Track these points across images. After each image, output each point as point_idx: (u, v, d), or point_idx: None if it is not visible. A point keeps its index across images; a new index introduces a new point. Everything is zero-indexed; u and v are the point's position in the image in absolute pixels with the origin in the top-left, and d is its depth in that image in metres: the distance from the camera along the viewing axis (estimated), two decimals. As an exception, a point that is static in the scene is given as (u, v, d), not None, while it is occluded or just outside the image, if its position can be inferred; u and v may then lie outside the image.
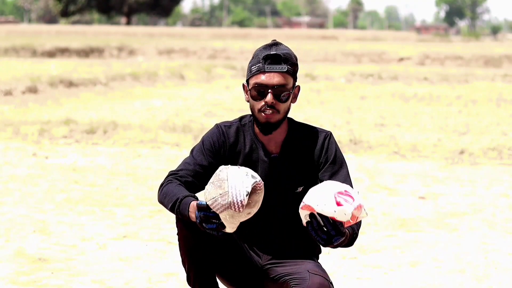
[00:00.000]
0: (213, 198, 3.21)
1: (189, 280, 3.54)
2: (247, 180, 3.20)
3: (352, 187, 3.53)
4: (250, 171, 3.24)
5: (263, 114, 3.48)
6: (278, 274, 3.55)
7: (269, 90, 3.46)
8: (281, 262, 3.58)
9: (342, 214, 3.16)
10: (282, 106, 3.49)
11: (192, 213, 3.32)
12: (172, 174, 3.55)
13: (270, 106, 3.46)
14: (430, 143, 10.95)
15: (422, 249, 5.77)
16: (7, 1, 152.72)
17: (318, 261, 3.67)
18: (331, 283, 3.45)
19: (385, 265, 5.39)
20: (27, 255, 5.43)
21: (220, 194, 3.19)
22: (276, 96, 3.47)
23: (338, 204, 3.17)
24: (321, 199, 3.18)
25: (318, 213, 3.19)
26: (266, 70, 3.47)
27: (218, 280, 3.62)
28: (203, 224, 3.24)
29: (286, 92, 3.49)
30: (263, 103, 3.47)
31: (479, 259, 5.55)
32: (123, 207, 6.98)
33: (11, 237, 5.92)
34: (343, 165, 3.58)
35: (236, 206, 3.19)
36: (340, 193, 3.20)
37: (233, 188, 3.18)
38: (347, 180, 3.56)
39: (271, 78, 3.47)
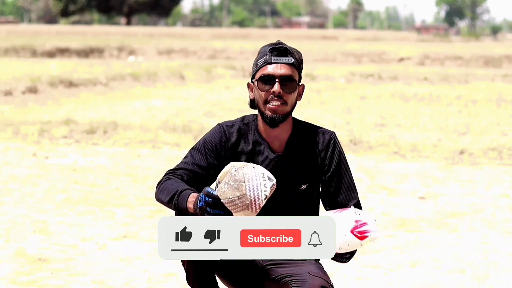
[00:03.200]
0: (229, 198, 3.22)
1: (188, 280, 3.54)
2: (266, 183, 3.23)
3: (355, 190, 3.63)
4: (266, 172, 3.26)
5: (270, 105, 3.49)
6: (279, 275, 3.55)
7: (276, 80, 3.49)
8: (282, 263, 3.58)
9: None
10: (289, 98, 3.51)
11: (191, 203, 3.32)
12: (169, 172, 3.55)
13: (278, 96, 3.48)
14: (430, 143, 10.95)
15: (422, 249, 5.77)
16: (7, 1, 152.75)
17: (320, 262, 3.67)
18: (332, 285, 3.45)
19: (385, 265, 5.39)
20: (27, 255, 5.43)
21: (238, 197, 3.21)
22: (283, 87, 3.49)
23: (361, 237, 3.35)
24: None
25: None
26: (273, 61, 3.50)
27: (218, 280, 3.62)
28: (208, 208, 3.24)
29: (293, 83, 3.51)
30: (270, 93, 3.49)
31: (479, 259, 5.55)
32: (123, 207, 6.98)
33: (11, 237, 5.92)
34: (346, 169, 3.62)
35: (254, 208, 3.22)
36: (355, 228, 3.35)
37: (252, 191, 3.21)
38: (350, 184, 3.61)
39: (278, 68, 3.50)
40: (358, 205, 3.60)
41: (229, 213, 3.27)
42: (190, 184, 3.50)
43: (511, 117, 14.33)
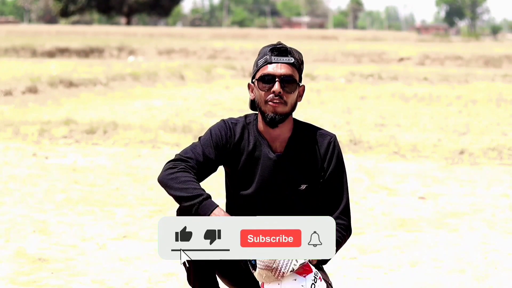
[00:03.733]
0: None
1: (189, 280, 3.54)
2: (298, 260, 3.28)
3: (348, 195, 3.64)
4: None
5: (270, 104, 3.50)
6: (279, 274, 3.55)
7: (276, 79, 3.50)
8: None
9: None
10: (289, 98, 3.52)
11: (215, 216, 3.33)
12: (182, 159, 3.51)
13: (278, 95, 3.49)
14: (430, 143, 10.95)
15: (422, 249, 5.77)
16: (7, 1, 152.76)
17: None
18: (331, 284, 3.46)
19: (385, 265, 5.39)
20: (27, 255, 5.43)
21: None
22: (283, 86, 3.50)
23: None
24: None
25: None
26: (273, 61, 3.51)
27: (218, 279, 3.63)
28: None
29: (293, 83, 3.51)
30: (270, 93, 3.50)
31: (479, 259, 5.55)
32: (123, 207, 6.98)
33: (11, 237, 5.92)
34: (343, 174, 3.64)
35: (278, 274, 3.28)
36: None
37: (283, 260, 3.26)
38: (344, 189, 3.63)
39: (278, 68, 3.51)
40: (347, 208, 3.62)
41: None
42: (198, 177, 3.50)
43: (511, 117, 14.33)
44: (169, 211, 6.65)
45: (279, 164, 3.58)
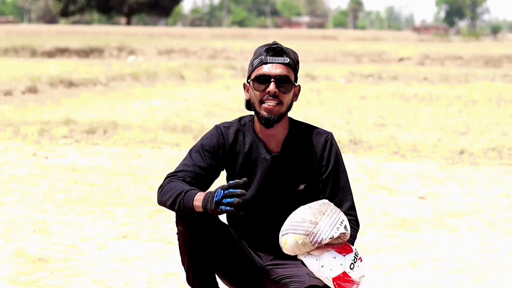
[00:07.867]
0: (303, 218, 3.29)
1: (188, 280, 3.54)
2: (339, 228, 3.28)
3: (351, 191, 3.63)
4: (345, 221, 3.32)
5: (266, 105, 3.49)
6: (279, 275, 3.55)
7: (272, 80, 3.49)
8: (282, 264, 3.58)
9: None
10: (284, 98, 3.51)
11: (197, 201, 3.33)
12: (170, 176, 3.54)
13: (273, 96, 3.48)
14: (430, 143, 10.95)
15: (422, 249, 5.77)
16: (7, 1, 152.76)
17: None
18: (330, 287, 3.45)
19: (385, 265, 5.38)
20: (27, 255, 5.43)
21: (310, 221, 3.27)
22: (279, 87, 3.49)
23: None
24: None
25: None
26: (268, 61, 3.51)
27: (218, 279, 3.63)
28: (224, 201, 3.25)
29: (289, 83, 3.51)
30: (265, 93, 3.49)
31: (479, 259, 5.55)
32: (123, 207, 6.98)
33: (11, 237, 5.92)
34: (343, 171, 3.63)
35: (314, 239, 3.27)
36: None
37: (324, 225, 3.27)
38: (346, 186, 3.61)
39: (273, 68, 3.50)
40: (352, 208, 3.60)
41: (239, 210, 3.34)
42: (192, 185, 3.50)
43: (511, 117, 14.33)
44: (169, 211, 6.65)
45: (275, 165, 3.57)
